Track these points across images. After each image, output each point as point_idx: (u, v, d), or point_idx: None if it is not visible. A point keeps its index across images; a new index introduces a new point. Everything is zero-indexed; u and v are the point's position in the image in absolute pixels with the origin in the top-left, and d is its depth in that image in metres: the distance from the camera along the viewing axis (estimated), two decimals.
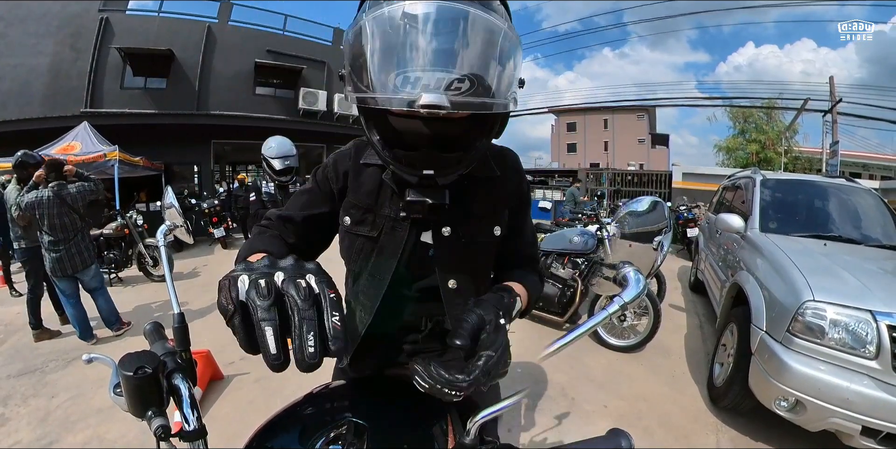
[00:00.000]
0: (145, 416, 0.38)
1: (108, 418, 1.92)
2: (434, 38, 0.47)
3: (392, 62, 0.48)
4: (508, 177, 0.72)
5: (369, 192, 0.69)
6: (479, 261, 0.72)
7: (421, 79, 0.47)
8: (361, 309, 0.71)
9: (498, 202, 0.71)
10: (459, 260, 0.68)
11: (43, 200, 2.64)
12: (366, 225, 0.68)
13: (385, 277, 0.68)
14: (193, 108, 8.61)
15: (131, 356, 0.39)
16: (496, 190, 0.71)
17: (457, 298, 0.68)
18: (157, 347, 0.46)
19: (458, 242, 0.67)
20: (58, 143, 5.80)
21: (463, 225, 0.67)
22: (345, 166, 0.71)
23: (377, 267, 0.69)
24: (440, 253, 0.67)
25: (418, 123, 0.53)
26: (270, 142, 2.57)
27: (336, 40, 10.88)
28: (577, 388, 2.32)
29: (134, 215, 4.94)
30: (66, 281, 2.76)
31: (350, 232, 0.70)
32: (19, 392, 2.22)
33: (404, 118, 0.54)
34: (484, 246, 0.71)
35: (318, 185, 0.72)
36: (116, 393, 0.40)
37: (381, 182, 0.68)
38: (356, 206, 0.69)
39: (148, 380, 0.38)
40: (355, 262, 0.71)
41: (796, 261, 1.95)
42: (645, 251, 0.64)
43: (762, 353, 1.77)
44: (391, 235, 0.67)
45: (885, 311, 1.56)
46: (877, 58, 44.01)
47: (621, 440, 0.42)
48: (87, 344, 2.82)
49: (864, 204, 2.86)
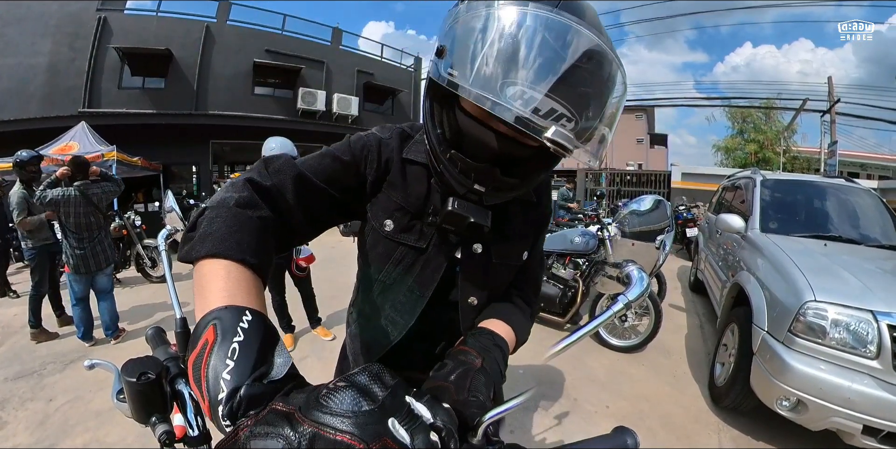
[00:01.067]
0: (149, 422, 0.38)
1: (107, 422, 1.91)
2: (571, 67, 0.43)
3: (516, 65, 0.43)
4: (544, 204, 0.70)
5: (419, 196, 0.60)
6: (501, 281, 0.68)
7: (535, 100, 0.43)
8: (391, 324, 0.65)
9: (532, 228, 0.69)
10: (484, 279, 0.65)
11: (70, 199, 2.66)
12: (413, 234, 0.61)
13: (426, 294, 0.63)
14: (192, 108, 8.59)
15: (134, 362, 0.38)
16: (532, 215, 0.68)
17: (473, 313, 0.66)
18: (160, 352, 0.45)
19: (488, 261, 0.64)
20: (56, 143, 5.78)
21: (496, 245, 0.64)
22: (388, 153, 0.60)
23: (421, 281, 0.62)
24: (467, 269, 0.63)
25: (491, 136, 0.49)
26: (271, 142, 2.57)
27: (335, 40, 10.88)
28: (580, 388, 2.32)
29: (132, 216, 4.92)
30: (82, 282, 2.77)
31: (392, 239, 0.61)
32: (17, 395, 2.20)
33: (480, 125, 0.50)
34: (510, 269, 0.68)
35: (352, 161, 0.59)
36: (119, 399, 0.40)
37: (430, 186, 0.61)
38: (404, 209, 0.60)
39: (151, 386, 0.37)
40: (389, 272, 0.63)
41: (797, 261, 1.95)
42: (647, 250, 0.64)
43: (764, 353, 1.77)
44: (439, 248, 0.61)
45: (886, 311, 1.57)
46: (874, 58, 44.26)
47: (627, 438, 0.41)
48: (86, 346, 2.81)
49: (864, 204, 2.87)
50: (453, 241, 0.62)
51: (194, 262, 0.40)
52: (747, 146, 16.15)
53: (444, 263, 0.62)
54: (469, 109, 0.51)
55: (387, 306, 0.65)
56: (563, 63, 0.43)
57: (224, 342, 0.31)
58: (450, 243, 0.62)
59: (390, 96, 11.96)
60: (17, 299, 3.83)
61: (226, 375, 0.29)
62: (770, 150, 15.49)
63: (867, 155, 16.90)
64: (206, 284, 0.37)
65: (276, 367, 0.31)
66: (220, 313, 0.33)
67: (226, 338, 0.31)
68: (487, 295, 0.66)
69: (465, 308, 0.65)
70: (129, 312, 3.43)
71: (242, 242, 0.41)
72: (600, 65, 0.45)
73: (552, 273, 3.01)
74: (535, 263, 0.74)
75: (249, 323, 0.32)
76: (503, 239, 0.64)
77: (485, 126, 0.49)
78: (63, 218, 2.67)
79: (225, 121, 8.78)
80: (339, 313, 3.33)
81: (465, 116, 0.51)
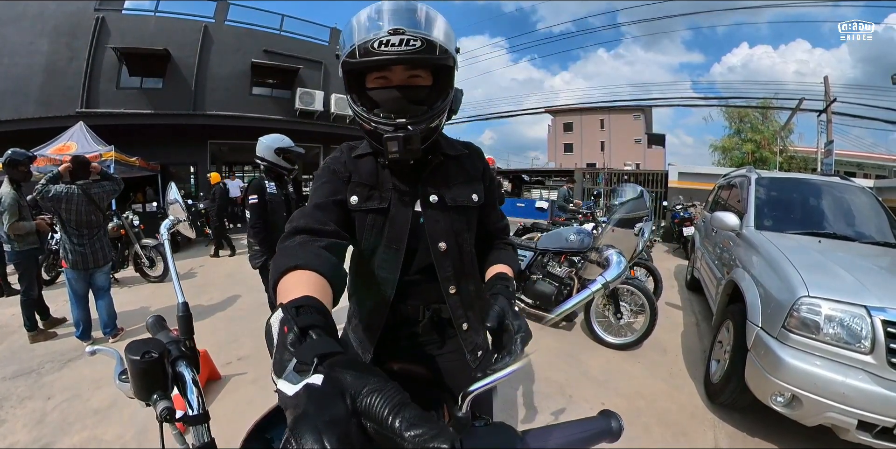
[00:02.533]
0: (150, 399, 0.39)
1: (106, 420, 1.92)
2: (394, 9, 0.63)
3: (364, 26, 0.62)
4: (474, 157, 0.84)
5: (370, 174, 0.75)
6: (463, 225, 0.79)
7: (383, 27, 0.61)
8: (382, 284, 0.75)
9: (472, 173, 0.82)
10: (446, 223, 0.76)
11: (73, 197, 2.66)
12: (374, 200, 0.73)
13: (401, 247, 0.73)
14: (190, 108, 8.58)
15: (137, 343, 0.39)
16: (467, 164, 0.82)
17: (445, 260, 0.76)
18: (162, 336, 0.46)
19: (445, 205, 0.76)
20: (53, 143, 5.77)
21: (447, 191, 0.76)
22: (342, 160, 0.77)
23: (392, 237, 0.73)
24: (430, 217, 0.75)
25: (392, 90, 0.67)
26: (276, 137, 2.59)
27: (333, 40, 10.88)
28: (575, 386, 2.33)
29: (130, 216, 4.91)
30: (81, 280, 2.77)
31: (360, 209, 0.73)
32: (15, 394, 2.20)
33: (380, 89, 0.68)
34: (466, 210, 0.79)
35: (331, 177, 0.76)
36: (122, 380, 0.41)
37: (377, 165, 0.76)
38: (361, 184, 0.74)
39: (153, 364, 0.38)
40: (368, 238, 0.74)
41: (791, 258, 1.96)
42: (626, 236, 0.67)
43: (758, 349, 1.78)
44: (399, 205, 0.74)
45: (880, 306, 1.57)
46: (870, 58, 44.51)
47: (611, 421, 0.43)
48: (84, 344, 2.81)
49: (858, 201, 2.89)
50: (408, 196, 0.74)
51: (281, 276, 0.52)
52: (744, 146, 16.21)
53: (409, 218, 0.74)
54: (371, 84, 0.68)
55: (376, 270, 0.75)
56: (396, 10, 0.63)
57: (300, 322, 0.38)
58: (407, 200, 0.74)
59: None
60: (14, 298, 3.82)
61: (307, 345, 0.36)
62: (767, 150, 15.56)
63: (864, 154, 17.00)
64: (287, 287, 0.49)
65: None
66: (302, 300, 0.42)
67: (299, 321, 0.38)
68: (455, 240, 0.77)
69: (437, 254, 0.75)
70: (127, 311, 3.42)
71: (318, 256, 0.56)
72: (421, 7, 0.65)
73: (548, 271, 3.02)
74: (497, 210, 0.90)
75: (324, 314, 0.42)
76: (450, 185, 0.78)
77: (386, 88, 0.67)
78: (64, 215, 2.68)
79: (223, 121, 8.77)
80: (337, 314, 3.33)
81: (372, 90, 0.69)
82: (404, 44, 0.60)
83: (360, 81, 0.69)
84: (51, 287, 4.30)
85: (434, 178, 0.76)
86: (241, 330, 3.02)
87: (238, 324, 3.18)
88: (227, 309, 3.65)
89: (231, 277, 4.77)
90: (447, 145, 0.80)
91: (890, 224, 2.70)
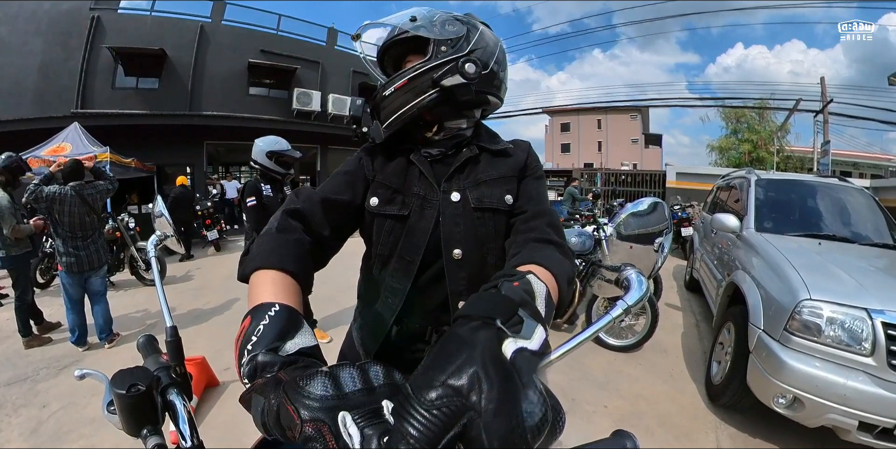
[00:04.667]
0: (140, 434, 0.37)
1: (102, 428, 1.88)
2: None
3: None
4: (519, 153, 0.75)
5: (396, 173, 0.70)
6: (488, 231, 0.67)
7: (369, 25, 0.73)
8: (391, 294, 0.69)
9: (508, 170, 0.72)
10: (465, 225, 0.66)
11: (66, 198, 2.63)
12: (395, 204, 0.68)
13: (415, 259, 0.67)
14: (186, 108, 8.52)
15: (123, 373, 0.37)
16: (509, 162, 0.73)
17: (459, 270, 0.66)
18: (151, 361, 0.44)
19: (466, 205, 0.67)
20: (48, 144, 5.70)
21: (472, 191, 0.68)
22: (376, 153, 0.73)
23: (407, 248, 0.67)
24: (448, 218, 0.66)
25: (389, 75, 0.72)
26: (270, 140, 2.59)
27: (330, 40, 10.83)
28: (577, 388, 2.32)
29: (126, 218, 4.87)
30: (76, 285, 2.73)
31: (378, 213, 0.68)
32: (10, 401, 2.16)
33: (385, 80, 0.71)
34: (493, 214, 0.68)
35: (356, 171, 0.72)
36: (110, 411, 0.39)
37: (408, 163, 0.70)
38: (384, 185, 0.69)
39: (141, 398, 0.36)
40: (384, 245, 0.69)
41: (792, 260, 1.97)
42: (646, 252, 0.63)
43: (760, 351, 1.78)
44: (420, 214, 0.67)
45: (880, 308, 1.58)
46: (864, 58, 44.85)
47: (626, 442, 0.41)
48: (79, 350, 2.77)
49: (856, 203, 2.90)
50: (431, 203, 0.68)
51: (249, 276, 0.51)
52: (741, 146, 16.27)
53: (429, 227, 0.67)
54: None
55: (387, 278, 0.70)
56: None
57: (253, 324, 0.39)
58: (431, 206, 0.68)
59: None
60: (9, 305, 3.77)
61: (249, 346, 0.37)
62: (764, 150, 15.62)
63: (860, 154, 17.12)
64: (253, 291, 0.48)
65: (288, 344, 0.37)
66: (256, 308, 0.42)
67: (255, 322, 0.39)
68: (474, 248, 0.66)
69: (449, 262, 0.65)
70: (123, 315, 3.39)
71: (283, 256, 0.53)
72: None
73: None
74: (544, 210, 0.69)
75: (276, 311, 0.40)
76: (477, 184, 0.69)
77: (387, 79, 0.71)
78: (57, 217, 2.64)
79: (219, 121, 8.71)
80: (335, 315, 3.31)
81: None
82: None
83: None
84: (45, 291, 4.26)
85: (461, 174, 0.69)
86: None
87: (236, 328, 3.13)
88: (224, 313, 3.62)
89: (228, 279, 4.73)
90: (488, 138, 0.74)
91: (888, 225, 2.70)
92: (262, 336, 0.37)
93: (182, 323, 3.14)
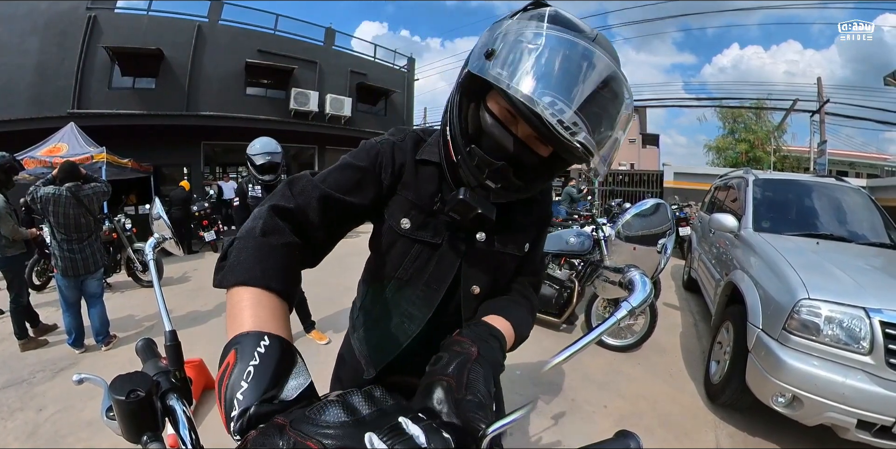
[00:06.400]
0: (140, 441, 0.36)
1: (99, 432, 1.87)
2: (595, 91, 0.50)
3: (550, 79, 0.49)
4: (544, 201, 0.74)
5: (430, 195, 0.64)
6: (504, 271, 0.71)
7: (565, 112, 0.48)
8: (408, 319, 0.68)
9: (533, 222, 0.72)
10: (487, 267, 0.68)
11: (61, 199, 2.60)
12: (429, 230, 0.64)
13: (442, 287, 0.65)
14: (183, 108, 8.49)
15: (122, 378, 0.37)
16: (534, 211, 0.72)
17: (475, 303, 0.68)
18: (150, 366, 0.44)
19: (491, 249, 0.67)
20: (44, 144, 5.66)
21: (498, 234, 0.67)
22: (402, 158, 0.64)
23: (437, 276, 0.65)
24: (471, 257, 0.66)
25: (510, 139, 0.55)
26: (255, 142, 2.55)
27: (327, 40, 10.82)
28: (577, 388, 2.32)
29: (122, 219, 4.84)
30: (72, 287, 2.71)
31: (409, 236, 0.64)
32: (6, 405, 2.14)
33: (502, 126, 0.55)
34: (511, 258, 0.70)
35: (371, 169, 0.62)
36: (109, 417, 0.38)
37: (441, 186, 0.64)
38: (417, 206, 0.63)
39: (141, 403, 0.35)
40: (406, 269, 0.66)
41: (790, 259, 1.97)
42: (648, 254, 0.63)
43: (759, 350, 1.79)
44: (452, 244, 0.65)
45: (878, 307, 1.59)
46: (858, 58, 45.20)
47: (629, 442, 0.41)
48: (76, 353, 2.75)
49: (853, 202, 2.92)
50: (462, 236, 0.65)
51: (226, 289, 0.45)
52: (738, 146, 16.36)
53: (459, 259, 0.65)
54: (495, 111, 0.56)
55: (403, 302, 0.67)
56: (590, 86, 0.50)
57: (241, 365, 0.34)
58: (460, 238, 0.65)
59: (383, 97, 11.92)
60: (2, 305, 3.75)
61: (239, 395, 0.32)
62: (761, 150, 15.71)
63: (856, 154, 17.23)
64: (233, 311, 0.42)
65: (287, 390, 0.33)
66: (242, 338, 0.36)
67: (243, 361, 0.34)
68: (490, 284, 0.69)
69: (467, 297, 0.68)
70: (120, 317, 3.37)
71: (267, 270, 0.45)
72: (616, 92, 0.52)
73: (548, 274, 3.01)
74: (538, 260, 0.78)
75: (266, 347, 0.35)
76: (505, 229, 0.67)
77: (506, 129, 0.55)
78: (52, 218, 2.62)
79: (217, 122, 8.68)
80: (333, 317, 3.30)
81: (489, 116, 0.56)
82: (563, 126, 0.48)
83: (482, 90, 0.56)
84: (42, 293, 4.23)
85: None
86: None
87: None
88: (222, 315, 3.56)
89: None
90: None
91: (885, 224, 2.72)
92: (252, 382, 0.32)
93: (180, 325, 3.12)
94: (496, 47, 0.52)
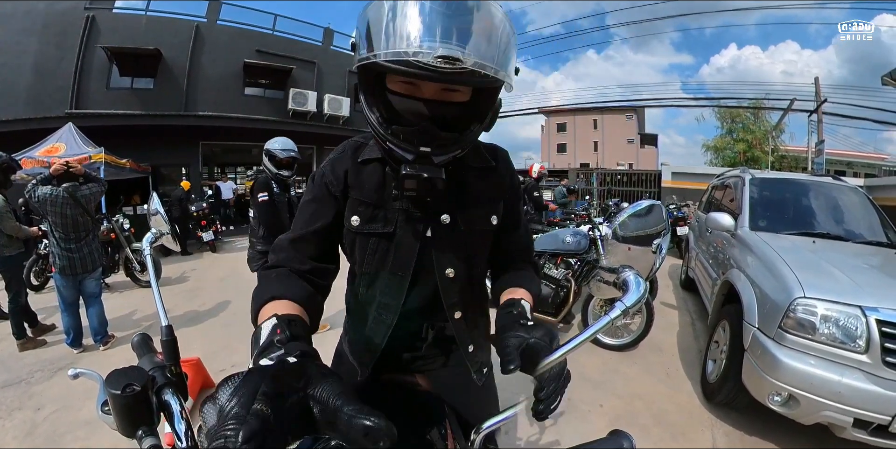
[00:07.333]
0: (135, 435, 0.37)
1: (97, 431, 1.87)
2: (443, 15, 0.49)
3: (405, 31, 0.49)
4: (502, 169, 0.73)
5: (375, 188, 0.66)
6: (476, 250, 0.71)
7: (432, 47, 0.48)
8: (384, 311, 0.69)
9: (494, 192, 0.72)
10: (457, 248, 0.68)
11: (59, 199, 2.60)
12: (378, 221, 0.66)
13: (407, 273, 0.67)
14: (181, 108, 8.47)
15: (118, 373, 0.37)
16: (492, 180, 0.72)
17: (453, 286, 0.69)
18: (146, 361, 0.44)
19: (457, 229, 0.68)
20: (42, 144, 5.66)
21: (461, 213, 0.68)
22: (343, 167, 0.67)
23: (398, 263, 0.67)
24: (439, 241, 0.67)
25: (419, 104, 0.56)
26: (275, 140, 2.61)
27: (326, 40, 10.81)
28: (573, 387, 2.31)
29: (120, 219, 4.84)
30: (70, 287, 2.71)
31: (360, 232, 0.66)
32: (4, 404, 2.14)
33: (405, 98, 0.56)
34: (481, 234, 0.71)
35: (320, 193, 0.68)
36: (104, 411, 0.39)
37: (385, 177, 0.66)
38: (364, 203, 0.66)
39: (136, 398, 0.36)
40: (370, 263, 0.68)
41: (786, 258, 1.98)
42: (643, 254, 0.64)
43: (755, 349, 1.79)
44: (406, 228, 0.66)
45: (874, 306, 1.59)
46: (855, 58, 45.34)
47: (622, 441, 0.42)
48: (74, 352, 2.75)
49: (850, 201, 2.92)
50: (416, 217, 0.66)
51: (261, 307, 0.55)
52: (736, 146, 16.39)
53: (417, 242, 0.66)
54: (396, 88, 0.57)
55: (377, 295, 0.69)
56: (444, 15, 0.49)
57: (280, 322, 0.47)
58: (415, 221, 0.66)
59: None
60: None
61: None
62: (759, 150, 15.74)
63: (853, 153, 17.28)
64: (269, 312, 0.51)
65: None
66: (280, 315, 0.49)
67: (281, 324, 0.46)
68: (465, 266, 0.70)
69: (443, 281, 0.68)
70: (118, 317, 3.37)
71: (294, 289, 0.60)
72: (471, 6, 0.51)
73: (544, 273, 3.01)
74: (520, 230, 0.78)
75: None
76: (465, 206, 0.68)
77: (413, 98, 0.56)
78: (50, 218, 2.62)
79: (215, 122, 8.66)
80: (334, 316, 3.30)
81: (394, 95, 0.57)
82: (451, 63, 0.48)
83: (378, 81, 0.57)
84: (40, 293, 4.22)
85: (449, 199, 0.66)
86: (234, 335, 2.98)
87: (231, 329, 3.14)
88: (219, 314, 3.60)
89: (224, 281, 4.72)
90: (472, 155, 0.69)
91: (881, 223, 2.73)
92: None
93: (177, 324, 3.12)
94: (356, 39, 0.55)
